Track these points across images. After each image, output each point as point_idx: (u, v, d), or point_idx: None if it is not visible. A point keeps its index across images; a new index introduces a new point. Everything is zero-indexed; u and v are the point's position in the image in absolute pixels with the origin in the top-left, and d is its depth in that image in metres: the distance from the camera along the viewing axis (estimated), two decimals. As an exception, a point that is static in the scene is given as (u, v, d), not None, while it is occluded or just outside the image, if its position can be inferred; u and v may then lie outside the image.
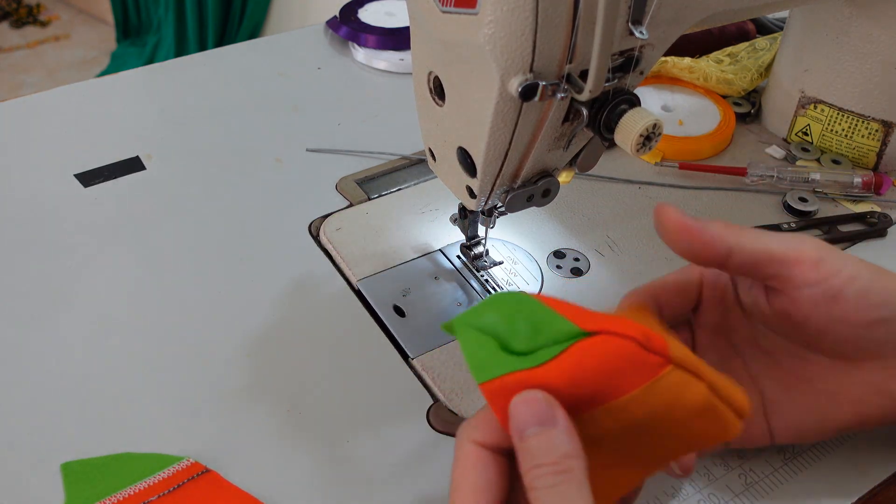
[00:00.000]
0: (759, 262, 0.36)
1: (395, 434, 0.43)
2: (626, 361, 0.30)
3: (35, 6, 2.77)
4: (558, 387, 0.30)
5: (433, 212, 0.57)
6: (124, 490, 0.40)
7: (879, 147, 0.61)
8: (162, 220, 0.57)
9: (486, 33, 0.34)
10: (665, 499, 0.40)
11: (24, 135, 0.65)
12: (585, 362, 0.30)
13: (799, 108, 0.64)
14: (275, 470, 0.41)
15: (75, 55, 2.56)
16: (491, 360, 0.31)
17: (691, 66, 0.68)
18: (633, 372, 0.30)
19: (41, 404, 0.44)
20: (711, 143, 0.63)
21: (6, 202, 0.58)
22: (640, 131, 0.36)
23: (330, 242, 0.55)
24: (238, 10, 2.15)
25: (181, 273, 0.53)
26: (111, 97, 0.70)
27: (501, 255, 0.54)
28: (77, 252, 0.54)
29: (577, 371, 0.30)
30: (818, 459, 0.42)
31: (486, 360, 0.31)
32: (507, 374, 0.31)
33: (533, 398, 0.30)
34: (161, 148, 0.64)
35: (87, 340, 0.48)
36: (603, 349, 0.30)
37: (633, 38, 0.37)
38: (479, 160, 0.40)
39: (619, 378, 0.30)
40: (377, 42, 0.76)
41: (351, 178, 0.61)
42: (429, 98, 0.43)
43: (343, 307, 0.50)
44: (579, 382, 0.30)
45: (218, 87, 0.72)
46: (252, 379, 0.46)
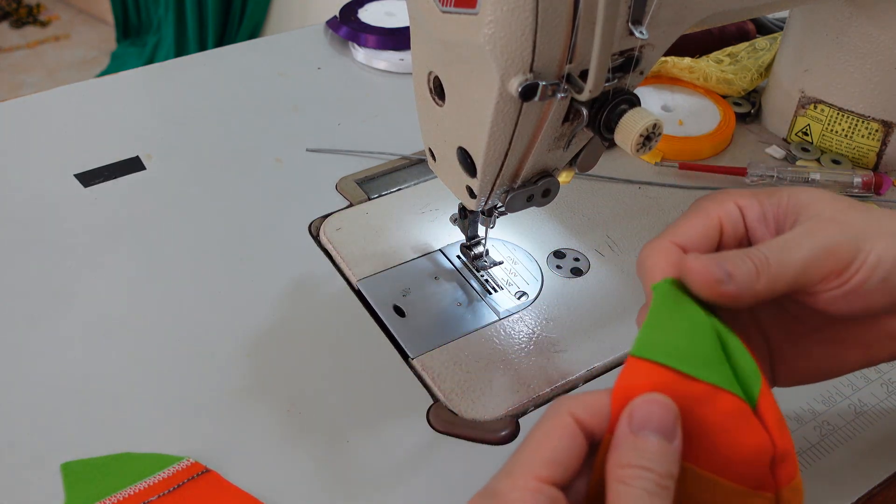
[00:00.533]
0: (786, 290, 0.33)
1: (395, 434, 0.43)
2: (754, 453, 0.29)
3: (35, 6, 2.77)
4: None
5: (433, 212, 0.57)
6: (124, 490, 0.40)
7: (879, 147, 0.61)
8: (162, 220, 0.57)
9: (486, 33, 0.34)
10: (665, 499, 0.40)
11: (24, 135, 0.65)
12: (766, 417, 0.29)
13: (799, 108, 0.64)
14: (275, 470, 0.41)
15: (75, 55, 2.56)
16: (671, 344, 0.29)
17: (691, 66, 0.68)
18: (744, 467, 0.29)
19: (41, 404, 0.44)
20: (711, 143, 0.63)
21: (6, 202, 0.58)
22: (640, 131, 0.36)
23: (330, 242, 0.55)
24: (238, 10, 2.15)
25: (181, 273, 0.53)
26: (111, 97, 0.70)
27: (501, 255, 0.54)
28: (77, 252, 0.54)
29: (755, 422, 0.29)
30: (818, 459, 0.42)
31: (666, 340, 0.30)
32: (686, 376, 0.29)
33: (668, 406, 0.28)
34: (161, 148, 0.64)
35: (87, 340, 0.48)
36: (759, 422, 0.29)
37: (633, 38, 0.37)
38: (479, 160, 0.40)
39: (738, 458, 0.29)
40: (377, 42, 0.76)
41: (351, 178, 0.61)
42: (429, 98, 0.43)
43: (343, 307, 0.50)
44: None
45: (218, 87, 0.72)
46: (252, 379, 0.46)
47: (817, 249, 0.33)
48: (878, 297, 0.34)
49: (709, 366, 0.29)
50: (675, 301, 0.31)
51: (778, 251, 0.33)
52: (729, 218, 0.36)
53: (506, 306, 0.50)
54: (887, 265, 0.33)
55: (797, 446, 0.43)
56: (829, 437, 0.44)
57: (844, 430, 0.44)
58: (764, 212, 0.36)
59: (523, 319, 0.50)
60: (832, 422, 0.44)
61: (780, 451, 0.29)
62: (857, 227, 0.34)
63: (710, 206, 0.36)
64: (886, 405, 0.45)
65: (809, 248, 0.33)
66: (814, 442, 0.43)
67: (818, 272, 0.33)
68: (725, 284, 0.32)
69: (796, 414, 0.45)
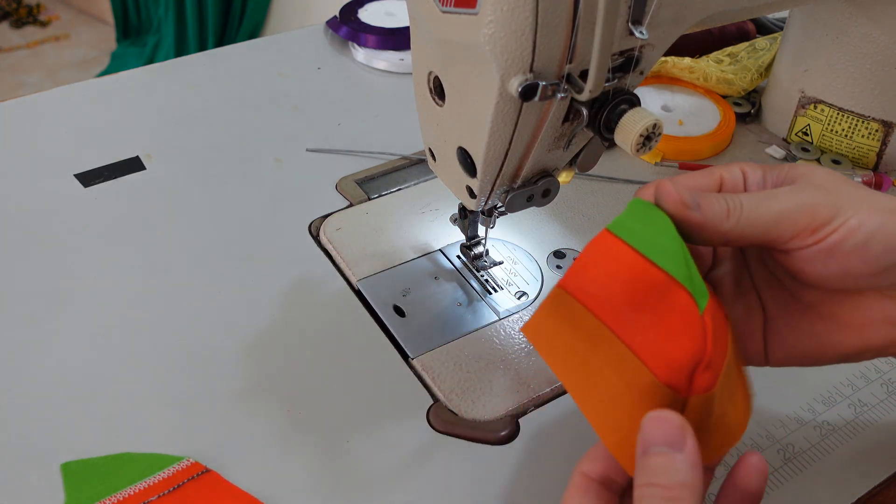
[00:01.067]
0: (758, 238, 0.34)
1: (395, 434, 0.43)
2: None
3: (35, 6, 2.77)
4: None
5: (433, 212, 0.57)
6: (124, 490, 0.40)
7: (879, 147, 0.61)
8: (162, 220, 0.57)
9: (486, 33, 0.34)
10: (665, 499, 0.40)
11: (24, 135, 0.65)
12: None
13: (799, 108, 0.64)
14: (275, 470, 0.41)
15: (75, 55, 2.56)
16: (643, 234, 0.32)
17: (691, 66, 0.68)
18: (669, 361, 0.30)
19: (41, 404, 0.44)
20: (711, 143, 0.63)
21: (6, 202, 0.58)
22: (640, 131, 0.36)
23: (330, 242, 0.55)
24: (238, 10, 2.15)
25: (181, 273, 0.53)
26: (111, 97, 0.70)
27: (501, 255, 0.54)
28: (77, 252, 0.54)
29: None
30: (818, 459, 0.42)
31: (639, 230, 0.32)
32: (651, 263, 0.31)
33: (668, 418, 0.30)
34: (161, 148, 0.64)
35: (87, 340, 0.48)
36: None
37: (633, 38, 0.37)
38: (479, 160, 0.40)
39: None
40: (377, 42, 0.76)
41: (351, 178, 0.61)
42: (429, 98, 0.43)
43: (343, 307, 0.50)
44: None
45: (218, 87, 0.72)
46: (252, 379, 0.46)
47: (794, 204, 0.34)
48: (857, 263, 0.33)
49: (673, 261, 0.31)
50: (650, 210, 0.33)
51: (755, 199, 0.34)
52: (730, 176, 0.37)
53: (506, 306, 0.50)
54: (867, 230, 0.33)
55: (797, 446, 0.43)
56: (829, 437, 0.44)
57: (844, 430, 0.44)
58: (765, 177, 0.37)
59: (523, 319, 0.50)
60: (832, 422, 0.44)
61: (708, 358, 0.30)
62: (842, 196, 0.34)
63: (716, 167, 0.37)
64: (886, 405, 0.45)
65: (786, 202, 0.34)
66: (814, 442, 0.43)
67: (791, 226, 0.33)
68: (692, 210, 0.33)
69: (796, 414, 0.45)
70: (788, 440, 0.43)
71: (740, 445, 0.43)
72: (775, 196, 0.34)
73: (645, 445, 0.29)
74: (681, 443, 0.29)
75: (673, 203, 0.33)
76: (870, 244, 0.33)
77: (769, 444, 0.43)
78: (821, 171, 0.36)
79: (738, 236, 0.34)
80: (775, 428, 0.44)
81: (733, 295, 0.39)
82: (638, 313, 0.31)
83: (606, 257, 0.32)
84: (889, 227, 0.33)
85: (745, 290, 0.39)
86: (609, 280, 0.32)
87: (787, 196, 0.34)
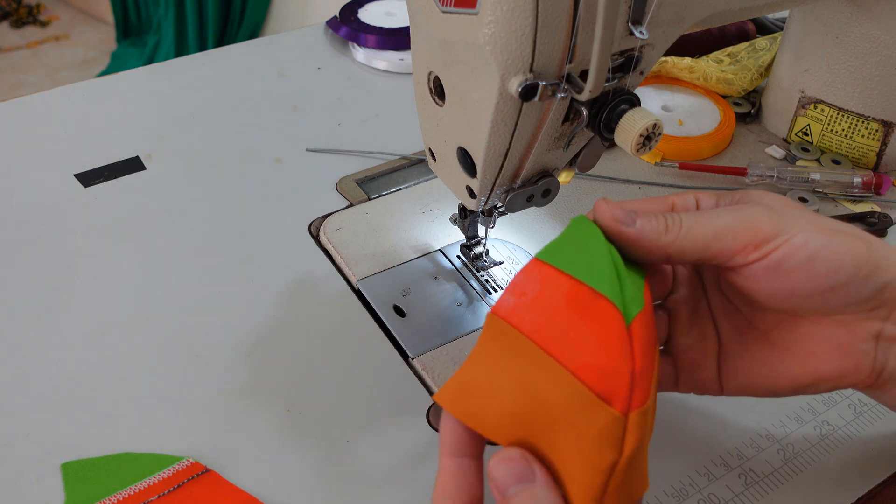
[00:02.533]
0: (699, 254, 0.34)
1: (395, 434, 0.43)
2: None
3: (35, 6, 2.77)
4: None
5: (433, 212, 0.57)
6: (124, 490, 0.40)
7: (879, 147, 0.61)
8: (162, 220, 0.57)
9: (486, 33, 0.34)
10: (665, 498, 0.40)
11: (24, 135, 0.65)
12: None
13: (799, 108, 0.64)
14: (275, 470, 0.41)
15: (75, 55, 2.56)
16: (569, 255, 0.33)
17: (691, 66, 0.68)
18: (601, 374, 0.31)
19: (41, 404, 0.44)
20: (711, 143, 0.63)
21: (6, 202, 0.58)
22: (640, 131, 0.36)
23: (330, 242, 0.55)
24: (238, 10, 2.15)
25: (181, 273, 0.53)
26: (111, 97, 0.70)
27: (501, 255, 0.54)
28: (77, 252, 0.54)
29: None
30: (818, 459, 0.42)
31: (566, 252, 0.33)
32: (580, 281, 0.32)
33: (509, 457, 0.31)
34: (161, 148, 0.64)
35: (87, 340, 0.48)
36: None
37: (633, 38, 0.37)
38: (479, 160, 0.40)
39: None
40: (377, 42, 0.76)
41: (351, 178, 0.61)
42: (429, 98, 0.43)
43: (343, 307, 0.50)
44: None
45: (218, 87, 0.72)
46: (252, 379, 0.46)
47: (735, 221, 0.34)
48: (802, 282, 0.34)
49: (598, 276, 0.32)
50: (586, 230, 0.34)
51: (697, 216, 0.35)
52: (682, 202, 0.38)
53: (506, 306, 0.50)
54: (812, 248, 0.33)
55: (797, 447, 0.43)
56: (829, 437, 0.44)
57: (844, 430, 0.44)
58: (718, 202, 0.38)
59: (523, 319, 0.50)
60: (832, 422, 0.44)
61: (638, 371, 0.30)
62: (788, 215, 0.34)
63: (669, 195, 0.38)
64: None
65: (728, 219, 0.34)
66: (814, 442, 0.43)
67: (732, 241, 0.34)
68: (626, 226, 0.34)
69: (796, 414, 0.45)
70: (788, 440, 0.43)
71: (742, 448, 0.43)
72: (717, 213, 0.35)
73: (501, 491, 0.30)
74: (530, 473, 0.30)
75: (606, 219, 0.34)
76: (814, 262, 0.33)
77: (769, 444, 0.43)
78: (772, 196, 0.36)
79: (678, 251, 0.34)
80: (775, 428, 0.44)
81: (689, 321, 0.39)
82: (567, 330, 0.31)
83: (535, 282, 0.33)
84: (833, 247, 0.33)
85: (702, 317, 0.39)
86: (538, 302, 0.32)
87: (730, 213, 0.35)
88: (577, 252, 0.33)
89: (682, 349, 0.39)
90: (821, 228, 0.34)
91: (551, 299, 0.32)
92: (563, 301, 0.32)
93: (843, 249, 0.33)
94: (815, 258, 0.33)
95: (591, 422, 0.30)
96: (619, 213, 0.34)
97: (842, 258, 0.33)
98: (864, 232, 0.35)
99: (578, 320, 0.31)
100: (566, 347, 0.31)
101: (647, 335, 0.31)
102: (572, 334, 0.31)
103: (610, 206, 0.35)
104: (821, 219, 0.35)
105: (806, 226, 0.34)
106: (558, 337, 0.31)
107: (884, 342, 0.35)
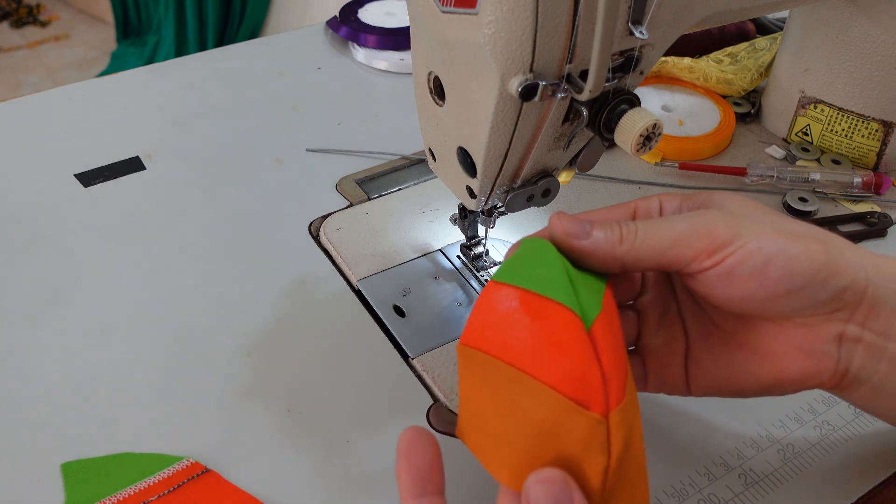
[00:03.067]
0: (654, 261, 0.35)
1: (395, 434, 0.43)
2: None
3: (35, 6, 2.77)
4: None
5: (433, 212, 0.57)
6: (124, 490, 0.40)
7: (879, 147, 0.61)
8: (162, 220, 0.57)
9: (486, 33, 0.34)
10: (665, 498, 0.40)
11: (24, 135, 0.65)
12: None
13: (799, 108, 0.64)
14: (275, 470, 0.41)
15: (75, 55, 2.56)
16: (524, 271, 0.33)
17: (691, 66, 0.68)
18: (573, 380, 0.31)
19: (41, 404, 0.44)
20: (711, 143, 0.63)
21: (6, 202, 0.58)
22: (640, 131, 0.36)
23: (330, 242, 0.55)
24: (238, 10, 2.15)
25: (181, 273, 0.53)
26: (111, 97, 0.70)
27: (501, 255, 0.54)
28: (77, 252, 0.54)
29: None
30: (818, 459, 0.42)
31: (520, 269, 0.34)
32: (548, 298, 0.32)
33: (549, 478, 0.30)
34: (161, 148, 0.64)
35: (86, 340, 0.48)
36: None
37: (633, 38, 0.37)
38: (479, 160, 0.40)
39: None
40: (377, 42, 0.76)
41: (351, 178, 0.61)
42: (429, 98, 0.43)
43: (343, 307, 0.50)
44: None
45: (218, 87, 0.72)
46: (252, 379, 0.46)
47: (690, 229, 0.34)
48: (755, 287, 0.34)
49: (553, 287, 0.32)
50: (538, 247, 0.35)
51: (652, 224, 0.35)
52: (645, 207, 0.38)
53: (506, 306, 0.50)
54: (766, 254, 0.33)
55: (797, 447, 0.43)
56: (829, 437, 0.44)
57: (844, 430, 0.44)
58: (682, 205, 0.38)
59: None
60: (832, 422, 0.44)
61: (607, 371, 0.31)
62: (747, 220, 0.34)
63: (633, 200, 0.39)
64: (886, 405, 0.45)
65: (683, 227, 0.34)
66: (814, 442, 0.43)
67: (687, 249, 0.34)
68: (579, 239, 0.35)
69: (796, 414, 0.45)
70: (788, 440, 0.43)
71: (742, 448, 0.43)
72: (673, 221, 0.35)
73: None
74: (568, 498, 0.29)
75: (559, 234, 0.35)
76: (768, 268, 0.33)
77: (769, 444, 0.43)
78: (735, 198, 0.36)
79: (634, 260, 0.34)
80: (775, 428, 0.44)
81: (658, 322, 0.40)
82: (533, 343, 0.32)
83: (495, 302, 0.33)
84: (789, 252, 0.33)
85: (671, 318, 0.40)
86: (501, 322, 0.33)
87: (685, 220, 0.35)
88: (531, 267, 0.34)
89: (650, 349, 0.40)
90: (778, 233, 0.34)
91: (513, 316, 0.32)
92: (524, 315, 0.32)
93: (799, 254, 0.33)
94: (769, 263, 0.33)
95: (574, 430, 0.30)
96: (572, 227, 0.35)
97: (797, 263, 0.33)
98: (826, 233, 0.35)
99: (541, 331, 0.31)
100: (536, 360, 0.31)
101: (610, 336, 0.32)
102: (538, 346, 0.31)
103: (563, 220, 0.35)
104: (782, 222, 0.35)
105: (762, 231, 0.34)
106: (527, 351, 0.32)
107: (846, 343, 0.35)
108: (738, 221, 0.34)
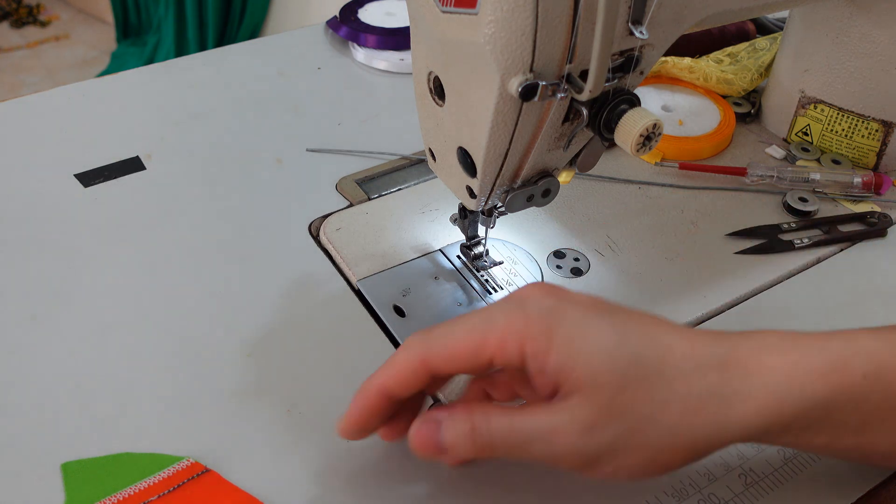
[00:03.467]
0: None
1: (395, 434, 0.43)
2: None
3: (35, 6, 2.77)
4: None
5: (433, 212, 0.57)
6: (124, 490, 0.40)
7: (879, 147, 0.61)
8: (162, 220, 0.57)
9: (486, 33, 0.34)
10: (665, 498, 0.40)
11: (24, 135, 0.65)
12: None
13: (799, 108, 0.64)
14: (275, 470, 0.41)
15: (75, 55, 2.56)
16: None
17: (691, 66, 0.68)
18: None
19: (41, 404, 0.44)
20: (711, 143, 0.63)
21: (6, 202, 0.58)
22: (640, 131, 0.36)
23: (330, 242, 0.55)
24: (238, 10, 2.15)
25: (181, 273, 0.53)
26: (111, 97, 0.70)
27: (501, 255, 0.54)
28: (77, 252, 0.54)
29: None
30: (818, 459, 0.42)
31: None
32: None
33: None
34: (161, 148, 0.64)
35: (86, 340, 0.48)
36: None
37: (633, 38, 0.37)
38: (479, 160, 0.40)
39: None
40: (377, 42, 0.76)
41: (351, 178, 0.61)
42: (429, 98, 0.43)
43: (343, 307, 0.50)
44: None
45: (218, 87, 0.72)
46: (252, 379, 0.46)
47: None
48: (543, 389, 0.36)
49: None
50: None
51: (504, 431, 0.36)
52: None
53: (506, 306, 0.50)
54: (541, 358, 0.35)
55: (797, 446, 0.43)
56: (829, 437, 0.43)
57: (844, 430, 0.44)
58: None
59: (523, 319, 0.50)
60: (832, 422, 0.44)
61: None
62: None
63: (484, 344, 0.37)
64: (886, 405, 0.45)
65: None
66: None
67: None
68: (440, 455, 0.37)
69: (796, 414, 0.45)
70: (788, 440, 0.43)
71: (742, 448, 0.43)
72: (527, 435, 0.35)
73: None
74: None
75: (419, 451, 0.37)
76: (545, 369, 0.35)
77: (769, 444, 0.43)
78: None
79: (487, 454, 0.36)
80: (775, 428, 0.44)
81: (521, 378, 0.40)
82: None
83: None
84: (573, 345, 0.34)
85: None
86: None
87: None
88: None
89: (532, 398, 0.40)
90: (568, 327, 0.35)
91: None
92: None
93: (587, 344, 0.34)
94: (546, 364, 0.34)
95: None
96: (430, 451, 0.37)
97: (571, 356, 0.34)
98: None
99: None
100: None
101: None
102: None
103: (419, 436, 0.37)
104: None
105: (543, 334, 0.34)
106: None
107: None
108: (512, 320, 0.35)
